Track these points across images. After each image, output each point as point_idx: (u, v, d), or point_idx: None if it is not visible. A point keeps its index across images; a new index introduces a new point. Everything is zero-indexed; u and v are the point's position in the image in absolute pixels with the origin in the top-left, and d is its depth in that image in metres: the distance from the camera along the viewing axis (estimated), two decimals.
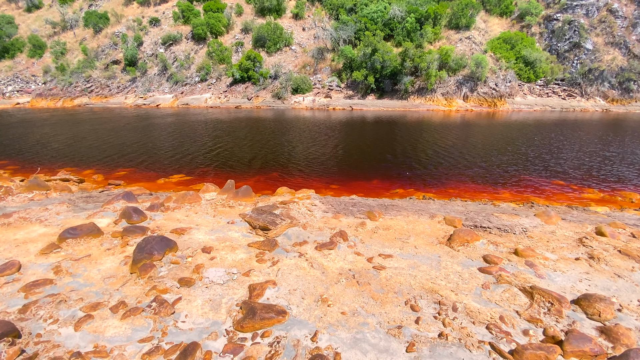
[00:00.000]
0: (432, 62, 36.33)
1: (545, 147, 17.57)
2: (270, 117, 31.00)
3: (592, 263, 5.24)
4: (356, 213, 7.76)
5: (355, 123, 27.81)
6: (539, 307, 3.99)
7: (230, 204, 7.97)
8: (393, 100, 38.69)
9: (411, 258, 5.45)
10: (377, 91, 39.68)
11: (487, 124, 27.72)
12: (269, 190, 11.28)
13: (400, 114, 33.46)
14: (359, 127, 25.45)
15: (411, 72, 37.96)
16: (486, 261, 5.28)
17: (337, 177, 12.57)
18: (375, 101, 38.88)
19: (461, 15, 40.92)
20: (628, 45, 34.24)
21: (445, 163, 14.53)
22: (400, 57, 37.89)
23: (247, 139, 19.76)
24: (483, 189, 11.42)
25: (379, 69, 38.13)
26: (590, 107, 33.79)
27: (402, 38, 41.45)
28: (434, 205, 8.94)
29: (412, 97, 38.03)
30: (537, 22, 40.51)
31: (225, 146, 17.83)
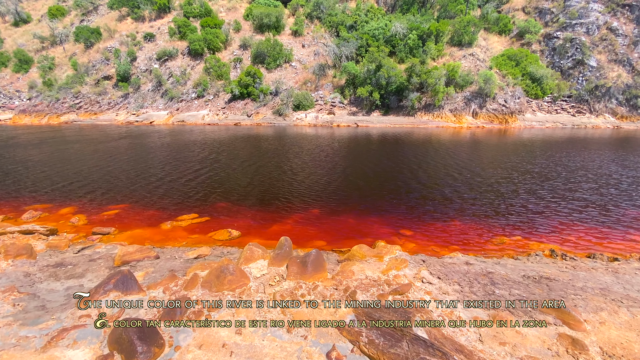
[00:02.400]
0: (440, 78, 34.17)
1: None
2: (273, 135, 27.70)
3: None
4: (518, 304, 4.50)
5: (373, 141, 24.84)
6: None
7: (298, 287, 4.60)
8: (399, 116, 36.16)
9: None
10: (382, 107, 37.14)
11: (524, 142, 25.25)
12: (315, 239, 7.93)
13: (409, 131, 30.82)
14: (380, 145, 22.45)
15: (417, 88, 35.66)
16: None
17: (399, 217, 9.32)
18: (381, 117, 36.26)
19: (463, 32, 39.32)
20: (632, 62, 33.04)
21: (524, 194, 11.55)
22: (406, 73, 35.63)
23: (259, 162, 16.38)
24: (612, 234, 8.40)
25: (384, 85, 35.68)
26: (601, 124, 32.11)
27: (405, 55, 39.40)
28: (606, 275, 5.77)
29: (419, 114, 35.60)
30: (537, 40, 39.26)
31: (234, 173, 14.39)
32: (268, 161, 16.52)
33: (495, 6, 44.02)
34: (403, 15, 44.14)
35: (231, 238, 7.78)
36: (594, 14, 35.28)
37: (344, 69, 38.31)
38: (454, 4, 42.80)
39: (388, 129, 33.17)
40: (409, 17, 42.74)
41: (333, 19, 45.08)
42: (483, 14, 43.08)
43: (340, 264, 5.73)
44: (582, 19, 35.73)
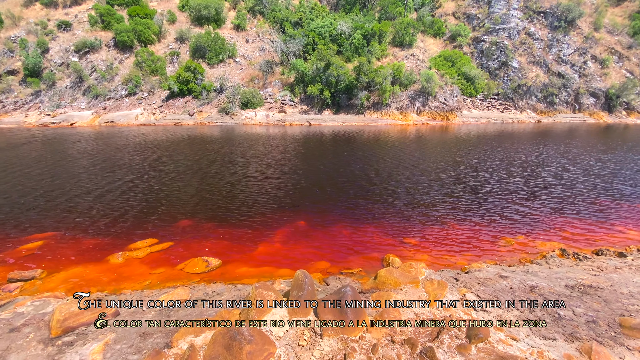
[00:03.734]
0: (386, 78, 34.77)
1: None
2: (221, 136, 25.20)
3: None
4: (594, 327, 3.79)
5: (330, 140, 23.93)
6: None
7: (346, 346, 3.28)
8: (350, 115, 36.02)
9: None
10: (333, 106, 36.63)
11: (470, 137, 26.52)
12: (315, 260, 6.61)
13: (361, 129, 30.79)
14: (341, 145, 21.64)
15: (365, 87, 35.87)
16: None
17: (395, 224, 8.41)
18: (332, 116, 35.71)
19: (404, 34, 40.66)
20: (547, 64, 37.41)
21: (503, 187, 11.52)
22: (354, 71, 35.55)
23: (215, 168, 14.29)
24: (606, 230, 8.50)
25: (334, 84, 35.17)
26: (525, 119, 35.78)
27: (351, 54, 39.41)
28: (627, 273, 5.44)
29: (368, 112, 35.86)
30: (467, 43, 42.32)
31: (191, 182, 12.22)
32: (224, 166, 14.49)
33: (429, 10, 46.47)
34: (347, 15, 44.20)
35: (210, 269, 6.05)
36: (514, 20, 39.18)
37: (292, 66, 36.90)
38: (394, 6, 44.10)
39: (340, 127, 32.75)
40: (352, 17, 42.90)
41: (277, 14, 43.24)
42: (419, 17, 45.13)
43: (370, 297, 4.53)
44: (505, 24, 39.43)
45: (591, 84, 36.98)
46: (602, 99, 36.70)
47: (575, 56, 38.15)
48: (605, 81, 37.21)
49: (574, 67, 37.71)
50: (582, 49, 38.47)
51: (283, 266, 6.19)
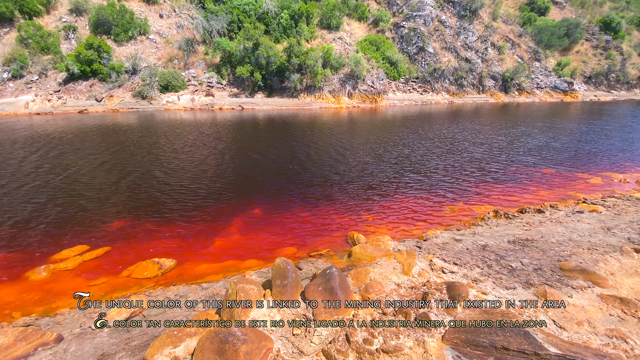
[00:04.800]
0: (317, 60, 34.76)
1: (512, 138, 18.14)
2: (139, 123, 22.40)
3: None
4: (542, 273, 4.40)
5: (266, 124, 23.09)
6: None
7: (344, 328, 3.21)
8: (284, 98, 35.30)
9: None
10: (266, 89, 35.40)
11: (399, 118, 28.11)
12: (281, 247, 6.38)
13: (295, 112, 30.53)
14: (278, 128, 21.05)
15: (297, 70, 35.38)
16: None
17: (349, 202, 8.58)
18: (266, 99, 34.53)
19: (331, 16, 40.86)
20: (457, 49, 41.64)
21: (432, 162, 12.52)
22: (285, 53, 34.67)
23: (141, 158, 12.70)
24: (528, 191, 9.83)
25: (264, 65, 33.85)
26: (441, 100, 39.63)
27: (280, 34, 38.23)
28: (554, 225, 6.44)
29: (302, 95, 35.61)
30: (389, 28, 44.57)
31: (111, 176, 10.66)
32: (149, 158, 12.92)
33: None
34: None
35: (165, 271, 5.34)
36: (429, 8, 42.43)
37: (217, 45, 34.27)
38: None
39: (275, 111, 31.95)
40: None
41: None
42: (344, 0, 45.70)
43: (349, 274, 4.52)
44: (420, 11, 42.44)
45: (491, 68, 42.56)
46: (499, 81, 42.62)
47: (479, 43, 43.28)
48: (502, 65, 43.19)
49: (478, 53, 42.81)
50: (483, 36, 43.76)
51: (247, 257, 5.81)
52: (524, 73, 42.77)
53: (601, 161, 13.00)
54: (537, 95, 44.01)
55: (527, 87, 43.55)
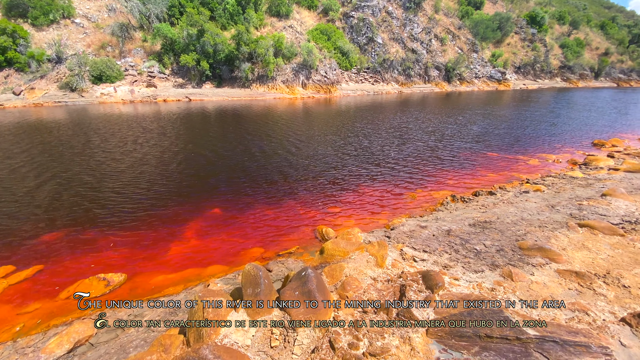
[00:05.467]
0: (268, 49, 33.64)
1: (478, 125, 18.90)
2: (74, 119, 19.85)
3: None
4: (505, 254, 4.61)
5: (219, 117, 21.81)
6: None
7: (328, 333, 3.02)
8: (235, 88, 33.74)
9: None
10: (215, 78, 33.49)
11: (353, 108, 28.26)
12: (246, 250, 5.99)
13: (248, 104, 29.38)
14: (230, 121, 19.99)
15: (248, 58, 33.94)
16: None
17: (313, 196, 8.39)
18: (215, 90, 32.68)
19: (280, 3, 39.67)
20: (404, 41, 43.05)
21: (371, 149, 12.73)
22: (234, 41, 32.98)
23: (78, 160, 11.23)
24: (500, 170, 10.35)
25: (211, 53, 31.89)
26: (391, 90, 40.89)
27: (226, 21, 36.25)
28: (508, 206, 6.84)
29: (255, 85, 34.34)
30: (339, 18, 44.60)
31: (36, 182, 9.28)
32: (82, 159, 11.48)
33: None
34: None
35: (113, 288, 4.67)
36: None
37: (156, 31, 31.47)
38: None
39: (226, 102, 30.40)
40: None
41: None
42: None
43: (323, 272, 4.33)
44: (369, 2, 43.00)
45: (435, 59, 44.84)
46: (443, 71, 45.12)
47: (423, 34, 45.21)
48: (444, 56, 45.70)
49: (423, 44, 44.76)
50: (427, 28, 45.77)
51: (210, 263, 5.34)
52: (464, 64, 45.77)
53: (536, 144, 14.34)
54: (475, 85, 47.47)
55: (467, 77, 46.73)
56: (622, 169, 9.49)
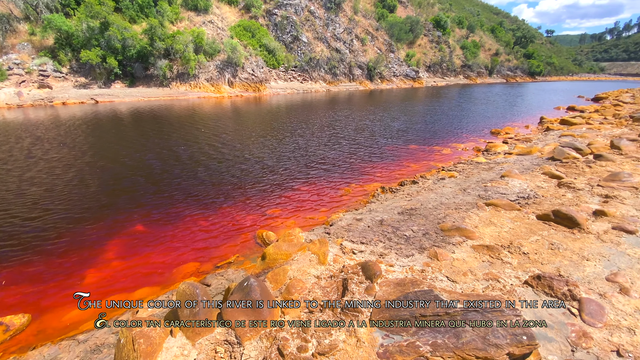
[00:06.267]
0: (188, 45, 31.47)
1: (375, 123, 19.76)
2: None
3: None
4: (430, 237, 5.10)
5: (141, 119, 19.61)
6: None
7: (277, 341, 2.97)
8: (152, 87, 30.80)
9: None
10: (126, 77, 30.06)
11: (284, 106, 27.93)
12: (178, 267, 5.56)
13: (169, 104, 27.14)
14: (154, 123, 18.18)
15: (164, 55, 31.25)
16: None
17: (251, 199, 8.15)
18: (127, 90, 29.35)
19: None
20: (327, 40, 44.29)
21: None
22: (146, 36, 30.01)
23: None
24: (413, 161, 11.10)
25: (120, 49, 28.53)
26: (319, 88, 41.81)
27: (136, 13, 32.80)
28: (427, 193, 7.54)
29: (175, 84, 31.82)
30: (262, 15, 43.90)
31: None
32: None
33: None
34: None
35: (15, 332, 3.86)
36: None
37: (47, 23, 26.95)
38: None
39: (142, 103, 27.56)
40: None
41: None
42: None
43: (266, 278, 4.25)
44: (291, 0, 43.12)
45: (357, 59, 47.24)
46: (365, 70, 47.80)
47: (345, 34, 47.19)
48: (365, 56, 48.43)
49: (345, 44, 46.74)
50: (348, 28, 47.88)
51: (137, 287, 4.80)
52: (383, 63, 49.18)
53: (447, 135, 16.18)
54: (394, 83, 51.43)
55: (387, 76, 50.34)
56: (514, 153, 11.28)
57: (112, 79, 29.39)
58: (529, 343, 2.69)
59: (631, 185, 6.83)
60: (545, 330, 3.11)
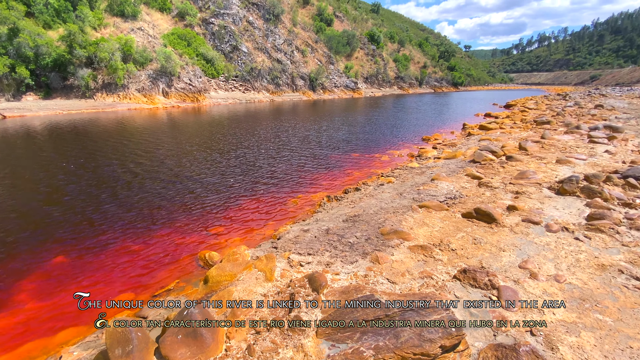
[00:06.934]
0: (114, 53, 29.03)
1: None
2: None
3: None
4: (372, 242, 5.36)
5: (59, 134, 17.32)
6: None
7: None
8: (71, 99, 27.68)
9: None
10: (40, 88, 26.60)
11: (227, 117, 26.93)
12: (114, 298, 5.06)
13: (93, 117, 24.65)
14: (75, 139, 16.22)
15: (87, 64, 28.39)
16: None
17: (193, 218, 7.74)
18: (42, 102, 25.96)
19: (123, 2, 34.74)
20: (268, 51, 44.30)
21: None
22: (64, 43, 26.99)
23: None
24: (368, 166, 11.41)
25: (32, 57, 25.22)
26: (263, 98, 41.49)
27: (50, 18, 29.40)
28: (369, 199, 7.90)
29: (99, 95, 29.02)
30: (198, 24, 42.47)
31: None
32: None
33: None
34: None
35: None
36: (235, 7, 42.93)
37: None
38: None
39: (60, 116, 24.59)
40: None
41: None
42: None
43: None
44: (228, 10, 42.41)
45: (299, 70, 48.07)
46: (307, 81, 48.80)
47: (285, 46, 47.75)
48: (307, 67, 49.50)
49: (287, 55, 47.28)
50: (288, 40, 48.56)
51: (61, 328, 4.21)
52: (324, 74, 50.76)
53: (385, 142, 17.23)
54: (336, 93, 53.31)
55: (328, 86, 52.02)
56: (442, 157, 12.44)
57: (23, 90, 25.77)
58: (457, 334, 2.97)
59: (535, 182, 7.97)
60: (472, 318, 3.47)
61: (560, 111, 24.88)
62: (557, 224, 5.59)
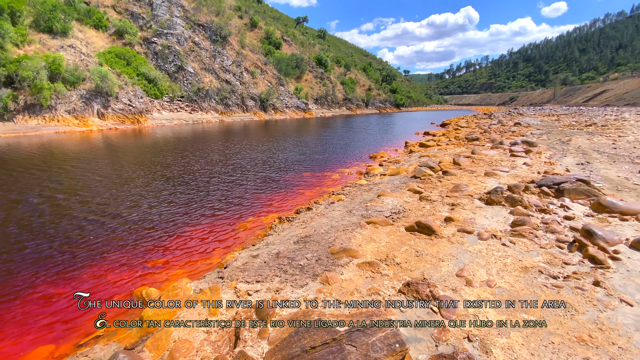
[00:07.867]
0: (40, 71, 26.35)
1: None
2: None
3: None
4: (322, 262, 5.34)
5: None
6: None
7: None
8: None
9: None
10: None
11: (172, 139, 25.38)
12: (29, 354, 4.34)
13: (12, 142, 21.83)
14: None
15: (6, 83, 25.31)
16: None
17: (134, 255, 7.06)
18: None
19: (51, 18, 32.03)
20: (216, 71, 43.62)
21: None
22: None
23: None
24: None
25: None
26: (212, 119, 40.33)
27: None
28: (318, 218, 7.92)
29: (20, 117, 25.89)
30: (139, 42, 40.62)
31: None
32: None
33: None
34: None
35: None
36: (180, 27, 41.92)
37: None
38: None
39: None
40: None
41: None
42: (69, 2, 37.14)
43: (145, 347, 3.66)
44: (172, 30, 41.25)
45: (249, 90, 47.97)
46: (258, 101, 48.80)
47: (234, 67, 47.54)
48: (257, 88, 49.60)
49: (235, 76, 47.02)
50: (237, 61, 48.46)
51: None
52: (275, 95, 51.27)
53: (336, 161, 17.70)
54: (287, 113, 53.96)
55: (280, 107, 52.53)
56: (387, 174, 13.09)
57: None
58: (400, 349, 3.04)
59: (468, 194, 8.71)
60: (415, 331, 3.58)
61: (487, 129, 27.96)
62: (487, 232, 6.11)
